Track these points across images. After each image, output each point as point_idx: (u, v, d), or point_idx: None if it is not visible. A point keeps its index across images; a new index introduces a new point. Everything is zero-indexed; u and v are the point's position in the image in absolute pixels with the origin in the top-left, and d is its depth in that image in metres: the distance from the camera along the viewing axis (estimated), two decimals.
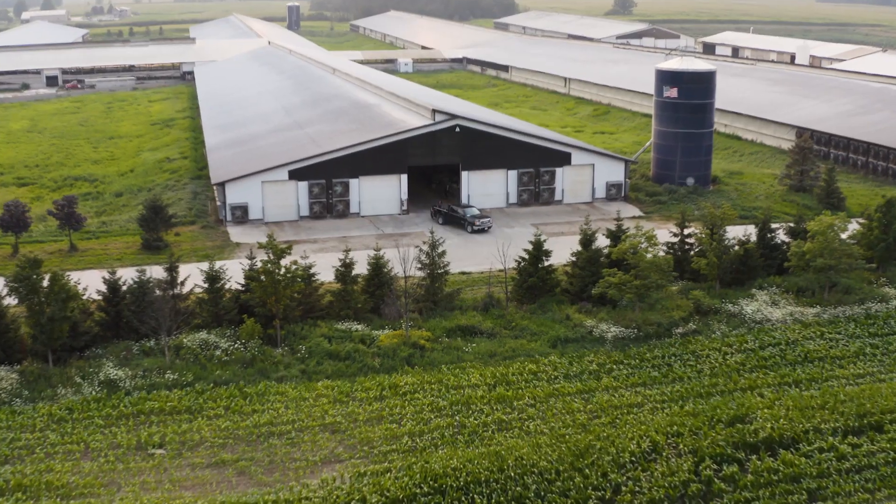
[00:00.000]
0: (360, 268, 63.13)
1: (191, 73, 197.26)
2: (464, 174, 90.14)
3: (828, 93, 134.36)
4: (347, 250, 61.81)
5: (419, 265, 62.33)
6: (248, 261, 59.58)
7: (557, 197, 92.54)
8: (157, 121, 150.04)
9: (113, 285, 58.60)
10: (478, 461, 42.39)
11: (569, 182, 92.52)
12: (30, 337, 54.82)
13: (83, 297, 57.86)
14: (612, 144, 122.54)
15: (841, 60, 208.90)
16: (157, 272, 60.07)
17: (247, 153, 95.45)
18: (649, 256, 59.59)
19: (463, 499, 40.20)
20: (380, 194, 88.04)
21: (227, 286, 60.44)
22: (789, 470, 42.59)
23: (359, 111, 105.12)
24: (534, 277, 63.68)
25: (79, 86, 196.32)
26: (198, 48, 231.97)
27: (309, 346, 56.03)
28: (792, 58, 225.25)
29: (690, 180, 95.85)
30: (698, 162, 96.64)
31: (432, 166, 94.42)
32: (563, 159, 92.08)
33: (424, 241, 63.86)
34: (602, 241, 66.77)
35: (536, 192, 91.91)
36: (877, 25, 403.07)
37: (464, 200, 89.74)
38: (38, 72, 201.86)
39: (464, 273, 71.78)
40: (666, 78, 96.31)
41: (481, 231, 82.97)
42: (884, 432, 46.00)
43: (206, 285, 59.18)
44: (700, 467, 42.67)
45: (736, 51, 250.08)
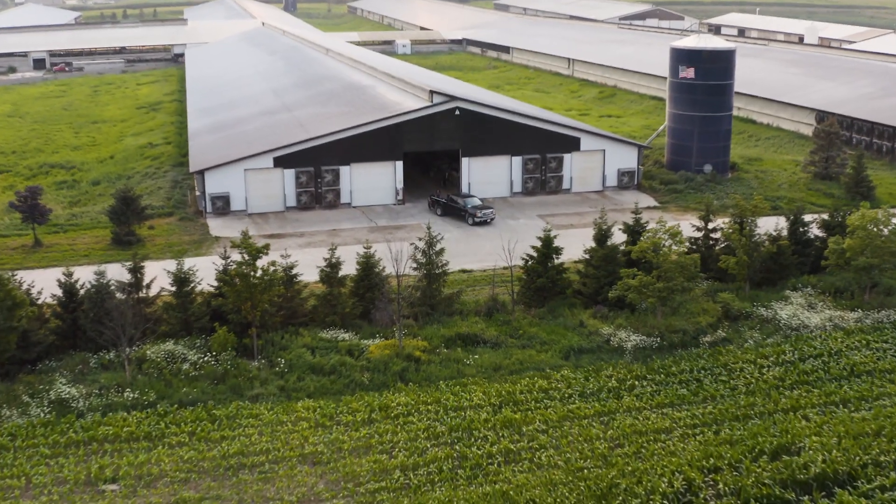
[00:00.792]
0: (350, 266, 56.54)
1: (182, 55, 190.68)
2: (464, 161, 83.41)
3: (846, 74, 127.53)
4: (333, 248, 54.99)
5: (414, 265, 55.75)
6: (223, 260, 52.92)
7: (565, 185, 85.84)
8: (144, 104, 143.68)
9: (69, 288, 51.98)
10: None
11: (577, 169, 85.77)
12: None
13: (38, 302, 51.49)
14: (619, 128, 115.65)
15: (851, 42, 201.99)
16: (123, 272, 53.48)
17: (230, 138, 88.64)
18: (673, 256, 52.87)
19: None
20: (373, 183, 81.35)
21: (199, 288, 53.96)
22: None
23: (351, 93, 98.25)
24: (543, 278, 57.05)
25: (66, 69, 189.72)
26: (190, 30, 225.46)
27: (289, 359, 49.42)
28: (800, 39, 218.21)
29: (708, 167, 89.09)
30: (716, 147, 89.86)
31: (430, 152, 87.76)
32: (572, 145, 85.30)
33: (420, 238, 57.16)
34: (618, 237, 60.09)
35: (542, 181, 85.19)
36: (882, 8, 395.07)
37: (464, 189, 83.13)
38: (25, 54, 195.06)
39: (464, 271, 65.19)
40: (682, 57, 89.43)
41: (483, 223, 76.34)
42: None
43: (173, 288, 52.51)
44: None
45: (742, 32, 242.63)
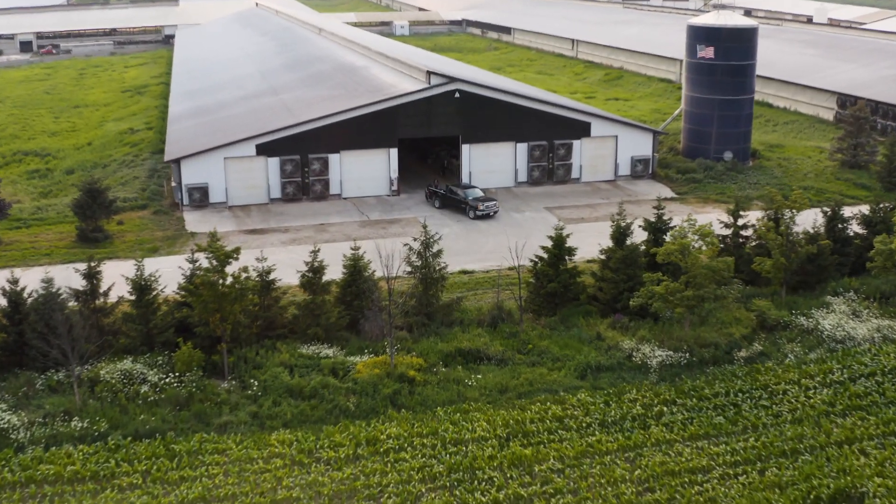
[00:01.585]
0: (337, 268, 50.03)
1: (173, 36, 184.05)
2: (464, 148, 76.73)
3: (867, 55, 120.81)
4: (316, 250, 48.31)
5: (409, 269, 49.28)
6: (190, 264, 46.37)
7: (574, 174, 79.17)
8: (130, 88, 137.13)
9: (14, 297, 45.46)
10: None
11: (588, 157, 79.10)
12: None
13: None
14: (628, 112, 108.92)
15: (861, 24, 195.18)
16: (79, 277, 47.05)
17: (210, 124, 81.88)
18: (704, 258, 46.27)
19: None
20: (365, 172, 74.70)
21: (166, 294, 47.54)
22: None
23: (343, 75, 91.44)
24: (554, 282, 50.50)
25: (53, 51, 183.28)
26: (181, 10, 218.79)
27: (264, 379, 42.92)
28: (809, 20, 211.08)
29: (728, 154, 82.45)
30: (737, 133, 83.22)
31: (427, 139, 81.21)
32: (582, 130, 78.60)
33: (415, 238, 50.61)
34: (636, 234, 53.53)
35: (550, 169, 78.52)
36: None
37: (464, 179, 76.53)
38: (11, 37, 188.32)
39: (465, 272, 58.72)
40: (700, 35, 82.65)
41: (485, 216, 69.78)
42: None
43: (133, 297, 46.02)
44: None
45: (748, 13, 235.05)
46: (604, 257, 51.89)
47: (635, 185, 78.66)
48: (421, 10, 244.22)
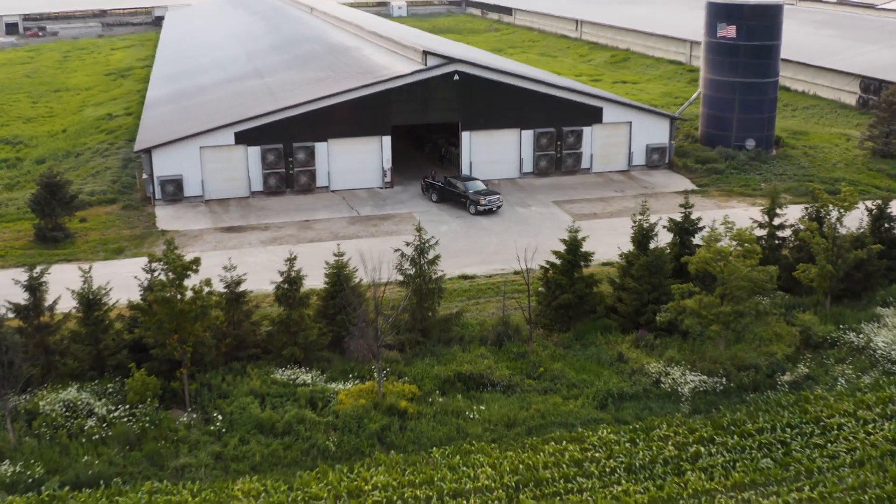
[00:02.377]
0: (321, 273, 43.68)
1: (164, 17, 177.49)
2: (464, 136, 70.31)
3: (889, 36, 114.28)
4: (292, 257, 41.86)
5: (401, 277, 42.98)
6: (147, 274, 40.00)
7: (584, 164, 72.73)
8: (114, 71, 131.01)
9: None
10: None
11: (599, 145, 72.62)
12: None
13: None
14: (637, 96, 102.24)
15: (874, 4, 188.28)
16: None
17: (187, 110, 75.31)
18: (743, 267, 39.84)
19: None
20: (355, 163, 68.28)
21: (121, 309, 41.26)
22: None
23: (334, 56, 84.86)
24: (568, 293, 44.16)
25: (40, 33, 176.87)
26: None
27: (230, 412, 36.67)
28: None
29: (751, 143, 75.98)
30: (760, 119, 76.72)
31: (424, 126, 74.85)
32: (593, 116, 72.10)
33: (408, 243, 44.21)
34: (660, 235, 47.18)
35: (558, 159, 72.10)
36: None
37: (464, 171, 70.13)
38: None
39: (465, 277, 52.41)
40: (721, 13, 76.05)
41: (488, 211, 63.45)
42: None
43: (80, 314, 39.71)
44: None
45: None
46: (624, 263, 45.54)
47: (651, 175, 72.28)
48: None
